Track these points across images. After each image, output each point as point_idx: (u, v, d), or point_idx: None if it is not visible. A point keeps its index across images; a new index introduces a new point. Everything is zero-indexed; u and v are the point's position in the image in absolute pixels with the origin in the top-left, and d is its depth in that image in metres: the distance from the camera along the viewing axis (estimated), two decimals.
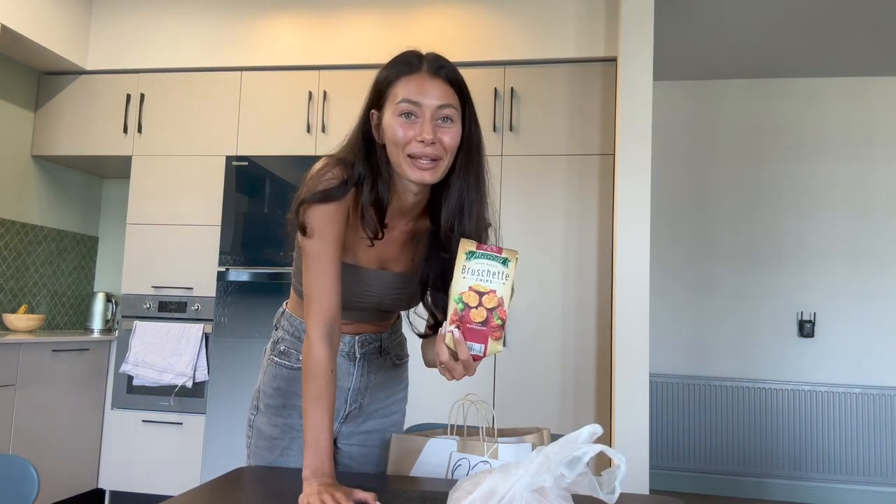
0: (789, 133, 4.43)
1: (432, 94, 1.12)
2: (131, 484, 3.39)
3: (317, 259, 1.15)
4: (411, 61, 1.15)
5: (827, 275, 4.29)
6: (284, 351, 1.37)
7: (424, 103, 1.11)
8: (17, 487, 1.23)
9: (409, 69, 1.14)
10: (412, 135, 1.11)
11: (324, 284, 1.15)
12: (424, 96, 1.11)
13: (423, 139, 1.10)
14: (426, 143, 1.10)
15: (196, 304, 3.41)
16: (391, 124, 1.13)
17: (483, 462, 1.29)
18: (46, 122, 3.71)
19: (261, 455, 1.36)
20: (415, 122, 1.12)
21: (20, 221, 3.62)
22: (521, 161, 3.22)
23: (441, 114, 1.12)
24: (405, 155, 1.12)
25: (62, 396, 3.23)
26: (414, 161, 1.12)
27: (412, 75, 1.13)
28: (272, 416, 1.36)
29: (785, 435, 4.20)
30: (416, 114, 1.12)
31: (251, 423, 1.39)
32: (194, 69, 3.59)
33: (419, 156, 1.12)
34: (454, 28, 3.33)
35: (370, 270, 1.26)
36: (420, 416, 3.31)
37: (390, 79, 1.15)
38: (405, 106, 1.12)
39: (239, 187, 3.35)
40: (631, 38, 2.97)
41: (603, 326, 3.07)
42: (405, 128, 1.12)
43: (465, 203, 1.20)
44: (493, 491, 0.81)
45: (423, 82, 1.12)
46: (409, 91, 1.12)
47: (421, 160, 1.12)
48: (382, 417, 1.44)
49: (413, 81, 1.12)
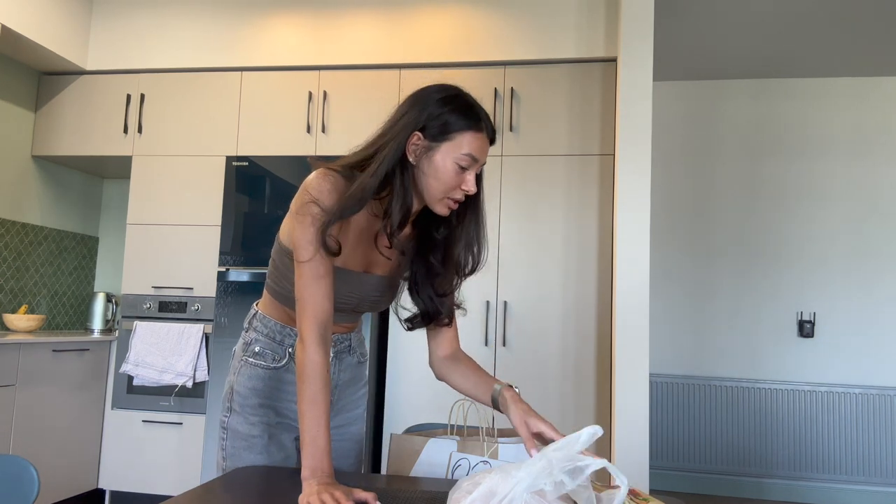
0: (789, 133, 4.43)
1: (485, 156, 1.26)
2: (131, 484, 3.40)
3: (315, 266, 1.20)
4: (480, 118, 1.24)
5: (827, 275, 4.29)
6: (259, 352, 1.40)
7: (480, 161, 1.25)
8: (17, 487, 1.23)
9: (478, 126, 1.23)
10: (460, 182, 1.24)
11: (319, 289, 1.20)
12: (483, 157, 1.25)
13: (468, 190, 1.24)
14: (468, 193, 1.25)
15: (196, 304, 3.41)
16: (446, 167, 1.22)
17: (483, 462, 1.29)
18: (46, 122, 3.71)
19: (239, 456, 1.36)
20: (465, 172, 1.24)
21: (20, 221, 3.62)
22: (521, 161, 3.22)
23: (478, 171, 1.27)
24: (445, 195, 1.25)
25: (62, 396, 3.23)
26: (448, 201, 1.25)
27: (479, 134, 1.24)
28: (249, 416, 1.37)
29: (785, 435, 4.20)
30: (470, 167, 1.24)
31: (225, 426, 1.40)
32: (194, 69, 3.59)
33: (456, 200, 1.25)
34: (454, 28, 3.33)
35: (356, 273, 1.32)
36: (420, 416, 3.33)
37: (459, 125, 1.22)
38: (468, 160, 1.22)
39: (239, 187, 3.35)
40: (631, 38, 2.97)
41: (603, 326, 3.07)
42: (458, 176, 1.23)
43: (473, 238, 1.33)
44: (494, 491, 0.81)
45: (484, 144, 1.25)
46: (475, 149, 1.23)
47: (454, 202, 1.26)
48: (348, 412, 1.50)
49: (479, 140, 1.24)
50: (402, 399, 3.17)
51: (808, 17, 3.66)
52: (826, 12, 3.59)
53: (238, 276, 3.29)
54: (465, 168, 1.23)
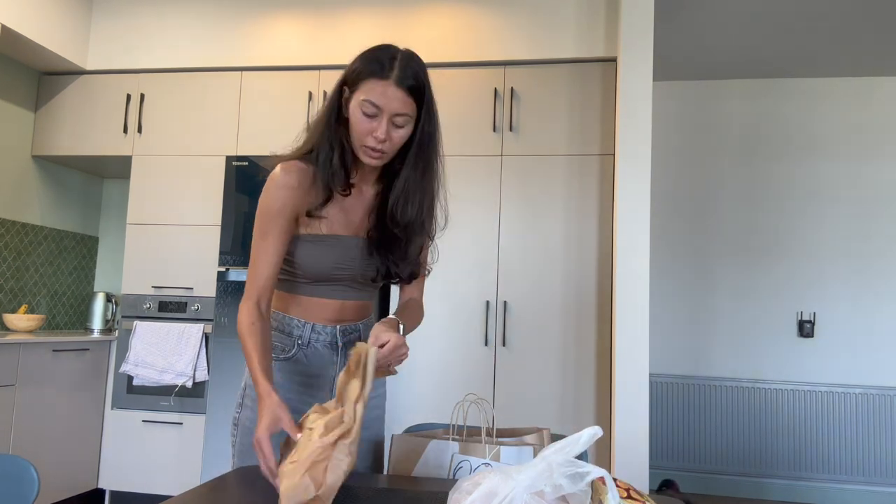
0: (789, 133, 4.43)
1: (393, 104, 1.25)
2: (131, 484, 3.40)
3: (263, 234, 1.32)
4: (384, 64, 1.25)
5: (827, 275, 4.29)
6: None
7: (385, 109, 1.25)
8: (17, 487, 1.23)
9: (380, 73, 1.25)
10: (370, 129, 1.27)
11: (265, 252, 1.31)
12: (386, 103, 1.25)
13: (377, 137, 1.26)
14: (379, 140, 1.27)
15: (196, 304, 3.41)
16: (355, 115, 1.28)
17: (485, 464, 1.29)
18: (46, 122, 3.71)
19: (248, 453, 1.36)
20: (374, 119, 1.26)
21: (20, 221, 3.62)
22: (521, 161, 3.22)
23: (396, 120, 1.27)
24: (360, 143, 1.30)
25: (62, 396, 3.23)
26: (366, 149, 1.29)
27: (380, 81, 1.24)
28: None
29: (785, 435, 4.20)
30: (377, 115, 1.26)
31: (236, 422, 1.40)
32: (194, 69, 3.59)
33: (371, 147, 1.28)
34: (454, 28, 3.33)
35: (344, 237, 1.37)
36: (421, 416, 3.32)
37: (363, 73, 1.26)
38: (369, 107, 1.25)
39: (239, 187, 3.35)
40: (631, 38, 2.97)
41: (603, 326, 3.07)
42: (365, 123, 1.27)
43: (409, 192, 1.35)
44: (494, 492, 0.81)
45: (387, 90, 1.24)
46: (373, 95, 1.25)
47: (372, 150, 1.29)
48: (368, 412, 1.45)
49: (379, 87, 1.24)
50: (402, 399, 3.17)
51: (808, 18, 3.66)
52: (826, 12, 3.59)
53: (238, 276, 3.29)
54: (369, 115, 1.25)
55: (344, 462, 1.04)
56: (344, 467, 1.04)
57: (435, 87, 1.33)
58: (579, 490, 0.79)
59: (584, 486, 0.79)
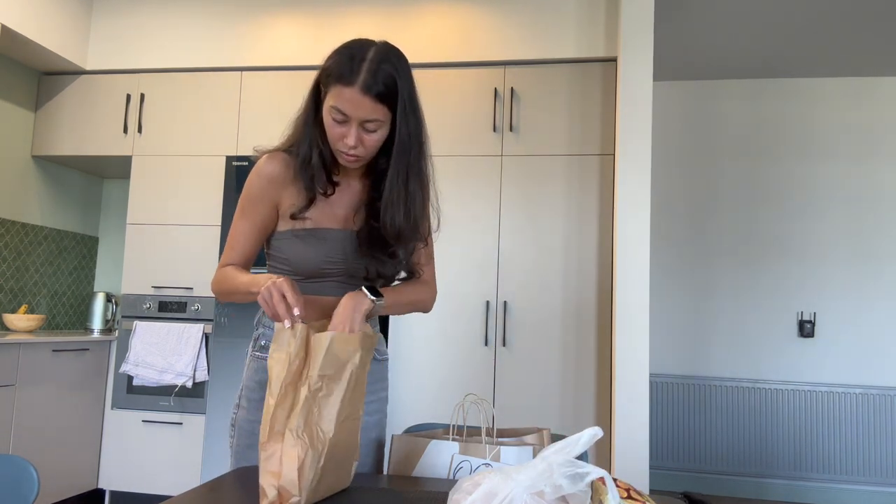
0: (789, 133, 4.43)
1: (360, 112, 1.21)
2: (131, 484, 3.40)
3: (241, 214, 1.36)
4: (352, 68, 1.20)
5: (827, 275, 4.29)
6: (265, 345, 1.39)
7: (353, 117, 1.22)
8: (17, 487, 1.23)
9: (347, 78, 1.20)
10: (341, 135, 1.24)
11: (240, 232, 1.36)
12: (353, 111, 1.21)
13: (347, 143, 1.24)
14: (349, 146, 1.24)
15: (196, 304, 3.41)
16: (326, 119, 1.25)
17: (485, 464, 1.29)
18: (46, 122, 3.71)
19: (244, 455, 1.35)
20: (343, 125, 1.23)
21: (20, 221, 3.62)
22: (521, 161, 3.22)
23: (367, 126, 1.23)
24: (334, 147, 1.28)
25: (62, 396, 3.23)
26: (340, 153, 1.27)
27: (349, 88, 1.20)
28: (254, 412, 1.36)
29: (785, 435, 4.20)
30: (345, 121, 1.23)
31: (234, 423, 1.39)
32: (194, 69, 3.59)
33: (345, 152, 1.26)
34: (454, 28, 3.33)
35: (335, 230, 1.35)
36: (421, 416, 3.32)
37: (331, 77, 1.23)
38: (336, 114, 1.22)
39: (239, 187, 3.35)
40: (631, 38, 2.97)
41: (603, 326, 3.07)
42: (335, 128, 1.24)
43: (395, 199, 1.31)
44: (494, 492, 0.81)
45: (353, 97, 1.20)
46: (340, 102, 1.21)
47: (346, 154, 1.27)
48: (367, 416, 1.42)
49: (346, 93, 1.20)
50: (403, 399, 3.17)
51: (808, 18, 3.66)
52: (826, 13, 3.59)
53: None
54: (338, 122, 1.23)
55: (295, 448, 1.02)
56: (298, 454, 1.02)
57: (435, 87, 1.33)
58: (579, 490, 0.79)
59: (584, 486, 0.79)
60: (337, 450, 1.09)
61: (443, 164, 3.26)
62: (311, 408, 1.06)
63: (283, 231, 1.35)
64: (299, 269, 1.34)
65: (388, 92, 1.21)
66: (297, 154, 1.32)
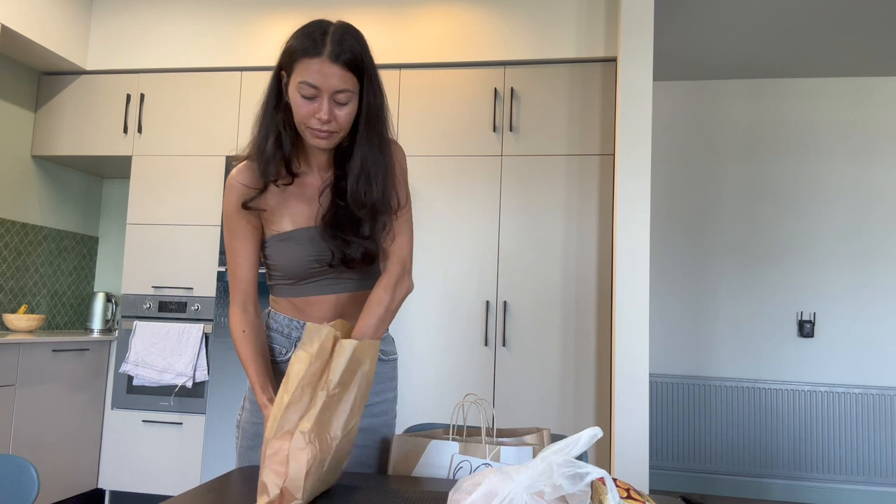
0: (789, 133, 4.43)
1: (331, 81, 1.19)
2: (131, 484, 3.40)
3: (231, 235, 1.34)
4: (316, 41, 1.20)
5: (827, 275, 4.29)
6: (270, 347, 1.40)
7: (323, 88, 1.20)
8: (17, 487, 1.23)
9: (313, 51, 1.19)
10: (311, 111, 1.22)
11: (236, 254, 1.33)
12: (324, 82, 1.19)
13: (320, 118, 1.21)
14: (322, 121, 1.22)
15: (196, 304, 3.41)
16: (294, 99, 1.23)
17: (485, 464, 1.29)
18: (46, 122, 3.71)
19: (246, 455, 1.36)
20: (314, 101, 1.21)
21: (20, 221, 3.62)
22: (521, 161, 3.22)
23: (338, 98, 1.22)
24: (305, 126, 1.24)
25: (62, 396, 3.23)
26: (312, 131, 1.24)
27: (313, 59, 1.19)
28: (257, 414, 1.37)
29: (785, 435, 4.20)
30: (316, 95, 1.21)
31: (238, 425, 1.41)
32: (194, 69, 3.59)
33: (317, 129, 1.23)
34: (454, 28, 3.33)
35: (310, 227, 1.33)
36: (421, 416, 3.32)
37: (296, 53, 1.21)
38: (306, 89, 1.20)
39: None
40: (631, 38, 2.97)
41: (603, 326, 3.07)
42: (305, 105, 1.22)
43: (369, 169, 1.29)
44: (494, 492, 0.81)
45: (322, 67, 1.19)
46: (309, 75, 1.19)
47: (318, 131, 1.24)
48: (374, 416, 1.41)
49: (314, 65, 1.19)
50: (403, 399, 3.17)
51: (807, 18, 3.66)
52: (825, 13, 3.59)
53: None
54: (308, 98, 1.21)
55: (305, 452, 1.01)
56: (308, 458, 1.01)
57: (435, 87, 1.32)
58: (579, 490, 0.79)
59: (583, 486, 0.79)
60: (337, 454, 1.09)
61: (443, 164, 3.26)
62: (325, 413, 1.06)
63: (268, 238, 1.35)
64: (290, 273, 1.34)
65: (355, 60, 1.21)
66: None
